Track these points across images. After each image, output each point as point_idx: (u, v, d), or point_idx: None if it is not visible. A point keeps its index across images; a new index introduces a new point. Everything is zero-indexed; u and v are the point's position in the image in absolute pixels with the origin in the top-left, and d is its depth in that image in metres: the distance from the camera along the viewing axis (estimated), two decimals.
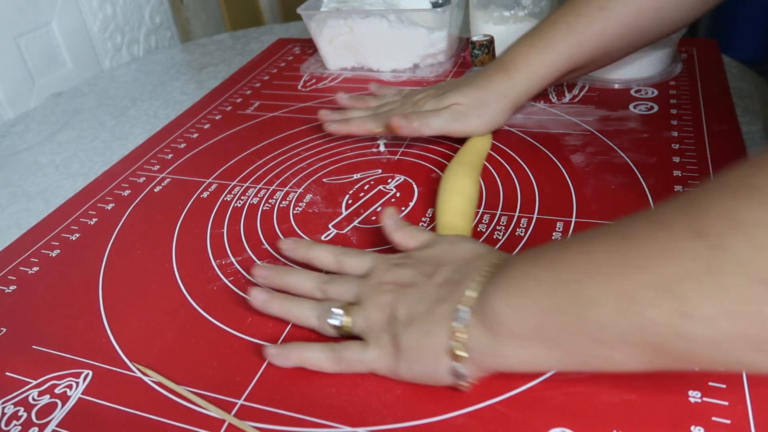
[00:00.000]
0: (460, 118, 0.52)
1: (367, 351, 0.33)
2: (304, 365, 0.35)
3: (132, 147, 0.64)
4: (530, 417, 0.31)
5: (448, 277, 0.33)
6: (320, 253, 0.40)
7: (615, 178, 0.48)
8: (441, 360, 0.31)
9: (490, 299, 0.30)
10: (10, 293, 0.45)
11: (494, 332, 0.29)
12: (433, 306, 0.32)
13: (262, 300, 0.38)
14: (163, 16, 1.02)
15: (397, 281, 0.35)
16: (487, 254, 0.35)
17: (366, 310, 0.34)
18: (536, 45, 0.51)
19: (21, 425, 0.34)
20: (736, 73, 0.63)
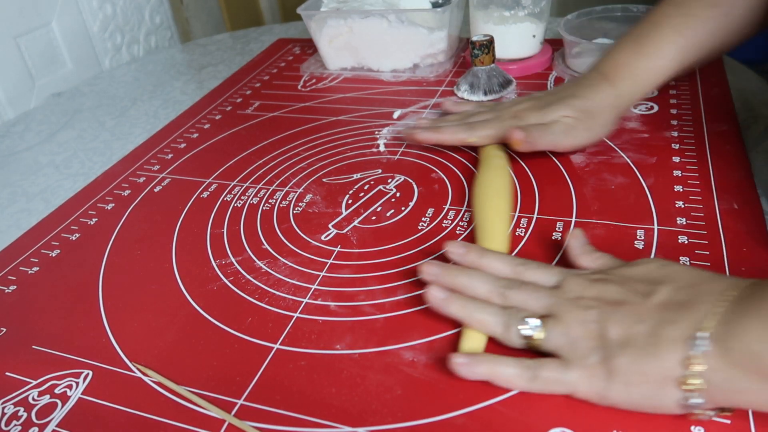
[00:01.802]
0: (569, 131, 0.48)
1: (570, 371, 0.31)
2: (491, 379, 0.32)
3: (132, 147, 0.64)
4: (530, 417, 0.31)
5: (671, 297, 0.30)
6: (495, 260, 0.37)
7: (615, 178, 0.48)
8: (667, 388, 0.28)
9: (741, 330, 0.27)
10: (10, 293, 0.45)
11: (742, 368, 0.27)
12: (657, 328, 0.29)
13: (441, 299, 0.35)
14: (163, 16, 1.02)
15: (602, 298, 0.32)
16: (718, 278, 0.31)
17: (566, 324, 0.31)
18: (641, 52, 0.47)
19: (21, 425, 0.34)
20: (736, 73, 0.63)
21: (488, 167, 0.49)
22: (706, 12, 0.46)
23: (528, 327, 0.32)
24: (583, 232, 0.39)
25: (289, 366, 0.36)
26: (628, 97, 0.49)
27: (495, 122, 0.51)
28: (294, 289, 0.42)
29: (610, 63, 0.49)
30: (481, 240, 0.42)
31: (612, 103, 0.49)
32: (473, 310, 0.34)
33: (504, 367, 0.32)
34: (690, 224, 0.42)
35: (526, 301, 0.34)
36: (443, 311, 0.35)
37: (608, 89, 0.48)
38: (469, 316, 0.34)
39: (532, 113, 0.50)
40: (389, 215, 0.48)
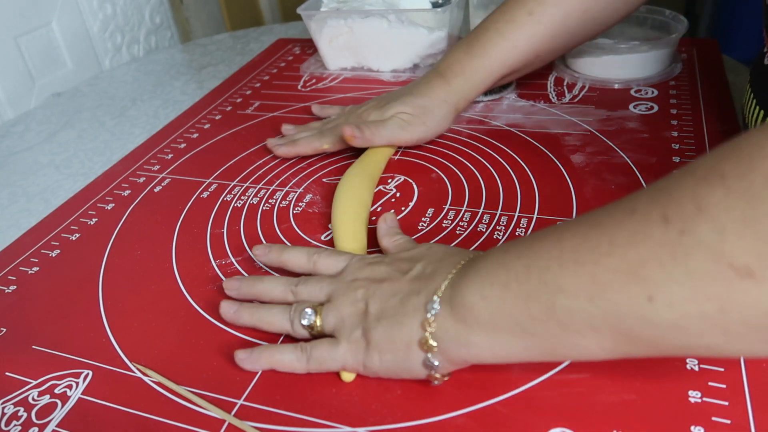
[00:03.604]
0: (405, 126, 0.52)
1: (338, 347, 0.33)
2: (274, 367, 0.35)
3: (132, 147, 0.64)
4: (530, 417, 0.31)
5: (421, 271, 0.34)
6: (293, 255, 0.40)
7: (615, 178, 0.48)
8: (412, 351, 0.31)
9: (461, 289, 0.30)
10: (10, 293, 0.45)
11: (464, 321, 0.30)
12: (405, 298, 0.32)
13: (232, 313, 0.38)
14: (163, 16, 1.02)
15: (371, 277, 0.35)
16: (462, 252, 0.35)
17: (337, 306, 0.34)
18: (470, 52, 0.52)
19: (21, 425, 0.34)
20: (736, 73, 0.63)
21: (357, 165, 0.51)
22: (523, 18, 0.51)
23: (305, 316, 0.35)
24: (393, 215, 0.43)
25: None
26: (461, 93, 0.53)
27: (343, 125, 0.54)
28: None
29: (444, 63, 0.54)
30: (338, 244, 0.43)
31: (445, 99, 0.53)
32: (262, 314, 0.37)
33: (282, 354, 0.35)
34: None
35: (311, 293, 0.36)
36: (237, 323, 0.38)
37: (442, 85, 0.53)
38: (260, 320, 0.37)
39: (372, 112, 0.54)
40: None
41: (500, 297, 0.29)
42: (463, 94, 0.53)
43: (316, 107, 0.64)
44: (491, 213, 0.47)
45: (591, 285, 0.26)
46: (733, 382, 0.31)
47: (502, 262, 0.29)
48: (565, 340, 0.28)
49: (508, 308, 0.28)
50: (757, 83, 0.44)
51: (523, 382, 0.33)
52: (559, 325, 0.27)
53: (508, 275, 0.29)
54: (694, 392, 0.31)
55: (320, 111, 0.63)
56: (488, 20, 0.53)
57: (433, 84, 0.53)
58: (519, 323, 0.28)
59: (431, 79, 0.54)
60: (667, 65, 0.64)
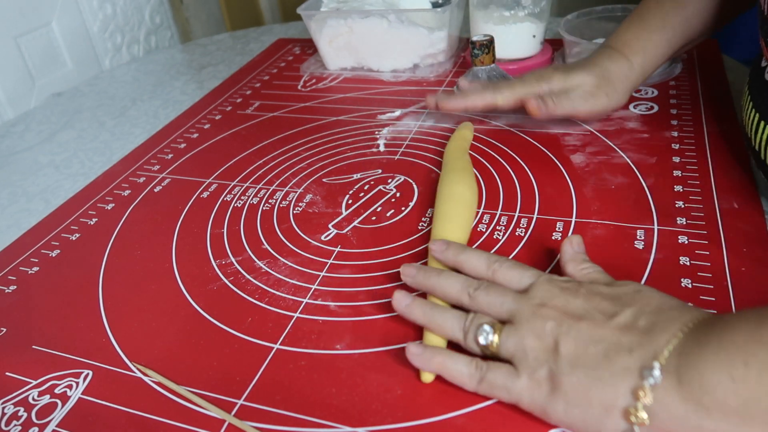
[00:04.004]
0: (588, 98, 0.51)
1: (518, 380, 0.30)
2: (442, 373, 0.32)
3: (132, 147, 0.64)
4: (530, 417, 0.31)
5: (633, 322, 0.29)
6: (473, 256, 0.37)
7: (615, 178, 0.48)
8: (612, 417, 0.27)
9: (696, 362, 0.25)
10: (10, 293, 0.45)
11: (698, 403, 0.25)
12: (611, 351, 0.28)
13: (405, 304, 0.35)
14: (163, 16, 1.02)
15: (565, 309, 0.31)
16: (684, 308, 0.29)
17: (521, 332, 0.31)
18: (648, 27, 0.51)
19: (21, 425, 0.34)
20: (737, 73, 0.63)
21: (449, 170, 0.48)
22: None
23: (483, 333, 0.32)
24: (581, 240, 0.37)
25: (289, 366, 0.36)
26: (641, 70, 0.52)
27: (518, 84, 0.53)
28: (294, 289, 0.42)
29: (619, 40, 0.52)
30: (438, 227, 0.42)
31: (627, 75, 0.51)
32: (434, 315, 0.34)
33: (456, 364, 0.32)
34: (690, 224, 0.42)
35: (491, 305, 0.33)
36: (407, 317, 0.36)
37: (623, 62, 0.51)
38: (431, 321, 0.34)
39: (555, 75, 0.52)
40: (389, 215, 0.48)
41: (758, 382, 0.24)
42: (643, 72, 0.52)
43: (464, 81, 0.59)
44: (491, 213, 0.46)
45: None
46: None
47: (757, 337, 0.24)
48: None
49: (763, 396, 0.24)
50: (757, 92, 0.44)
51: None
52: None
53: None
54: None
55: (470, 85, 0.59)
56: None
57: (614, 59, 0.52)
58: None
59: (610, 54, 0.52)
60: (667, 65, 0.64)
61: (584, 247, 0.37)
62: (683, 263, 0.39)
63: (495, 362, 0.31)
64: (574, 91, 0.51)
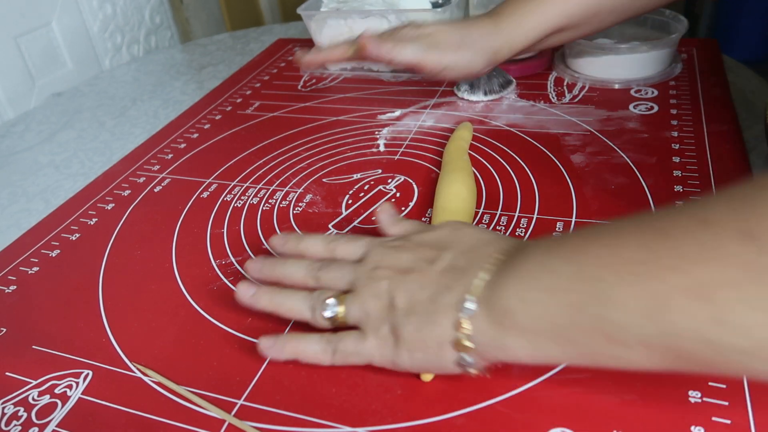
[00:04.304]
0: (435, 49, 0.49)
1: (365, 342, 0.32)
2: (298, 358, 0.34)
3: (132, 147, 0.64)
4: (530, 417, 0.31)
5: (452, 263, 0.32)
6: (311, 242, 0.38)
7: (615, 178, 0.48)
8: (445, 350, 0.30)
9: (501, 290, 0.28)
10: (10, 293, 0.45)
11: (503, 326, 0.28)
12: (436, 294, 0.31)
13: (251, 295, 0.36)
14: (163, 16, 1.02)
15: (395, 266, 0.33)
16: (495, 240, 0.32)
17: (361, 298, 0.33)
18: None
19: (21, 425, 0.34)
20: (736, 73, 0.63)
21: (449, 171, 0.48)
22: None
23: (327, 307, 0.33)
24: (391, 205, 0.39)
25: (289, 366, 0.36)
26: (506, 36, 0.50)
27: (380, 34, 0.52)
28: None
29: (499, 7, 0.52)
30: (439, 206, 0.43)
31: (487, 38, 0.50)
32: (282, 300, 0.35)
33: (308, 344, 0.34)
34: None
35: (333, 279, 0.35)
36: (254, 307, 0.36)
37: (488, 23, 0.51)
38: (279, 306, 0.35)
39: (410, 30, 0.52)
40: None
41: (543, 303, 0.27)
42: (509, 38, 0.50)
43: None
44: (491, 213, 0.46)
45: (650, 301, 0.23)
46: (733, 382, 0.31)
47: (546, 265, 0.28)
48: (611, 352, 0.26)
49: (551, 315, 0.27)
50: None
51: (523, 382, 0.33)
52: (607, 337, 0.25)
53: (552, 280, 0.27)
54: (694, 392, 0.31)
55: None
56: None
57: (479, 21, 0.51)
58: (562, 331, 0.27)
59: (480, 17, 0.52)
60: (667, 65, 0.64)
61: (396, 211, 0.39)
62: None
63: (344, 332, 0.33)
64: (421, 39, 0.49)
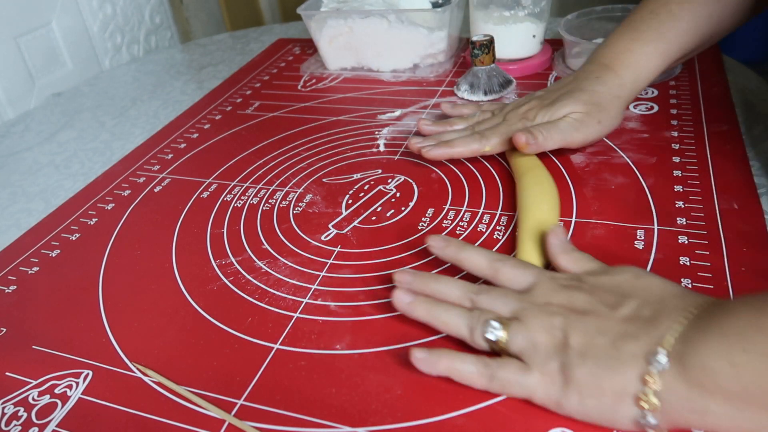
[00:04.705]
0: (579, 127, 0.48)
1: (530, 376, 0.30)
2: (451, 375, 0.32)
3: (132, 147, 0.64)
4: (530, 417, 0.31)
5: (636, 311, 0.30)
6: (473, 255, 0.37)
7: (615, 178, 0.48)
8: (624, 403, 0.28)
9: (700, 348, 0.26)
10: (10, 293, 0.45)
11: (701, 387, 0.26)
12: (618, 341, 0.28)
13: (408, 303, 0.35)
14: (163, 16, 1.02)
15: (569, 305, 0.31)
16: (687, 293, 0.30)
17: (529, 329, 0.31)
18: (641, 38, 0.48)
19: (21, 425, 0.34)
20: (736, 73, 0.63)
21: (530, 177, 0.47)
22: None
23: (491, 329, 0.32)
24: (562, 228, 0.38)
25: (289, 366, 0.36)
26: (632, 86, 0.49)
27: (504, 127, 0.50)
28: (294, 289, 0.42)
29: (609, 52, 0.49)
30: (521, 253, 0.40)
31: (618, 94, 0.48)
32: (439, 312, 0.34)
33: (464, 364, 0.32)
34: (690, 224, 0.42)
35: (493, 305, 0.33)
36: (410, 315, 0.35)
37: (613, 79, 0.48)
38: (435, 318, 0.34)
39: (540, 112, 0.49)
40: (389, 215, 0.48)
41: (757, 368, 0.24)
42: (636, 86, 0.49)
43: (446, 106, 0.58)
44: (491, 213, 0.46)
45: None
46: None
47: (757, 325, 0.25)
48: None
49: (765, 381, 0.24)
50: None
51: None
52: None
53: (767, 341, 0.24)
54: None
55: (452, 110, 0.57)
56: (652, 3, 0.49)
57: (603, 78, 0.48)
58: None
59: (599, 72, 0.49)
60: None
61: (567, 236, 0.38)
62: (683, 263, 0.39)
63: (503, 358, 0.32)
64: (561, 122, 0.48)
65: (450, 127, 0.54)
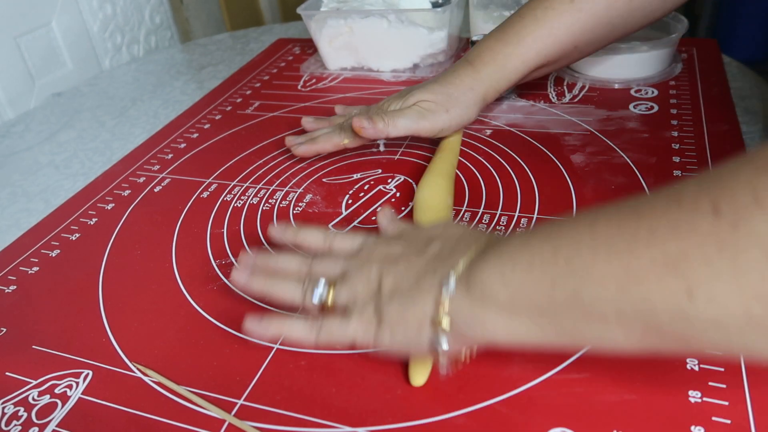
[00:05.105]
0: (426, 115, 0.50)
1: (350, 323, 0.33)
2: (283, 338, 0.35)
3: (132, 147, 0.64)
4: (530, 417, 0.31)
5: (438, 251, 0.33)
6: (310, 234, 0.40)
7: (615, 178, 0.48)
8: (424, 328, 0.31)
9: (480, 270, 0.29)
10: (10, 293, 0.45)
11: (480, 302, 0.29)
12: (420, 277, 0.32)
13: (244, 279, 0.37)
14: (163, 16, 1.02)
15: (386, 256, 0.35)
16: (481, 233, 0.34)
17: (350, 283, 0.34)
18: (503, 39, 0.50)
19: (21, 425, 0.34)
20: (736, 73, 0.63)
21: (430, 174, 0.49)
22: (564, 6, 0.49)
23: (317, 291, 0.35)
24: (390, 209, 0.41)
25: (289, 366, 0.36)
26: (489, 81, 0.51)
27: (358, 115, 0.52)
28: None
29: (475, 51, 0.52)
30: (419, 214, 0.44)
31: (472, 86, 0.51)
32: (274, 283, 0.37)
33: (293, 325, 0.34)
34: None
35: (326, 269, 0.36)
36: (249, 290, 0.37)
37: (470, 73, 0.51)
38: (271, 289, 0.37)
39: (393, 102, 0.52)
40: None
41: (521, 279, 0.28)
42: (492, 83, 0.51)
43: (339, 108, 0.60)
44: (491, 213, 0.46)
45: (624, 275, 0.24)
46: (733, 382, 0.31)
47: (526, 244, 0.28)
48: (589, 329, 0.26)
49: (529, 291, 0.27)
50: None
51: (523, 382, 0.33)
52: (584, 313, 0.26)
53: (532, 258, 0.28)
54: (694, 392, 0.31)
55: (344, 111, 0.60)
56: (525, 7, 0.51)
57: (459, 72, 0.51)
58: (539, 307, 0.27)
59: (458, 67, 0.52)
60: (667, 65, 0.64)
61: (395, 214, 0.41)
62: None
63: (329, 316, 0.34)
64: (407, 110, 0.50)
65: (327, 123, 0.57)
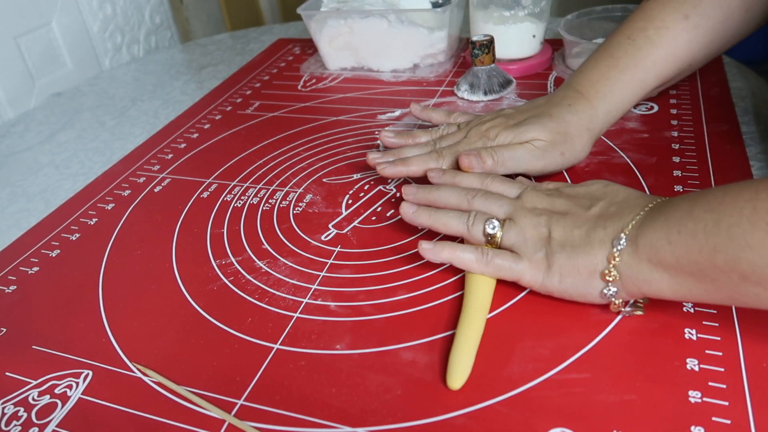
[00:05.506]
0: (540, 156, 0.45)
1: (521, 262, 0.37)
2: (453, 262, 0.38)
3: (132, 147, 0.64)
4: (530, 417, 0.31)
5: (605, 210, 0.36)
6: (467, 177, 0.43)
7: (615, 178, 0.48)
8: (594, 279, 0.34)
9: (647, 231, 0.32)
10: (10, 293, 0.45)
11: (648, 261, 0.32)
12: (590, 231, 0.35)
13: (412, 212, 0.41)
14: (163, 16, 1.02)
15: (552, 208, 0.38)
16: (644, 196, 0.37)
17: (520, 226, 0.37)
18: (617, 65, 0.47)
19: (21, 425, 0.34)
20: (736, 73, 0.63)
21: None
22: (679, 23, 0.46)
23: (490, 225, 0.38)
24: None
25: (289, 366, 0.36)
26: (607, 117, 0.47)
27: (463, 146, 0.47)
28: (294, 289, 0.42)
29: (584, 80, 0.48)
30: None
31: (589, 126, 0.47)
32: (440, 215, 0.40)
33: (464, 252, 0.38)
34: None
35: (489, 207, 0.40)
36: (414, 222, 0.41)
37: (586, 109, 0.47)
38: (436, 221, 0.40)
39: (502, 133, 0.46)
40: (389, 215, 0.48)
41: (686, 245, 0.31)
42: (609, 119, 0.47)
43: (416, 107, 0.55)
44: None
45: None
46: (733, 382, 0.31)
47: (690, 213, 0.31)
48: (746, 290, 0.30)
49: (693, 256, 0.30)
50: None
51: (523, 382, 0.33)
52: (742, 276, 0.29)
53: (696, 226, 0.30)
54: (694, 392, 0.31)
55: (421, 112, 0.55)
56: (630, 28, 0.47)
57: (575, 107, 0.46)
58: (702, 270, 0.30)
59: (573, 100, 0.47)
60: None
61: None
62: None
63: (498, 249, 0.38)
64: (523, 147, 0.45)
65: (412, 140, 0.51)
